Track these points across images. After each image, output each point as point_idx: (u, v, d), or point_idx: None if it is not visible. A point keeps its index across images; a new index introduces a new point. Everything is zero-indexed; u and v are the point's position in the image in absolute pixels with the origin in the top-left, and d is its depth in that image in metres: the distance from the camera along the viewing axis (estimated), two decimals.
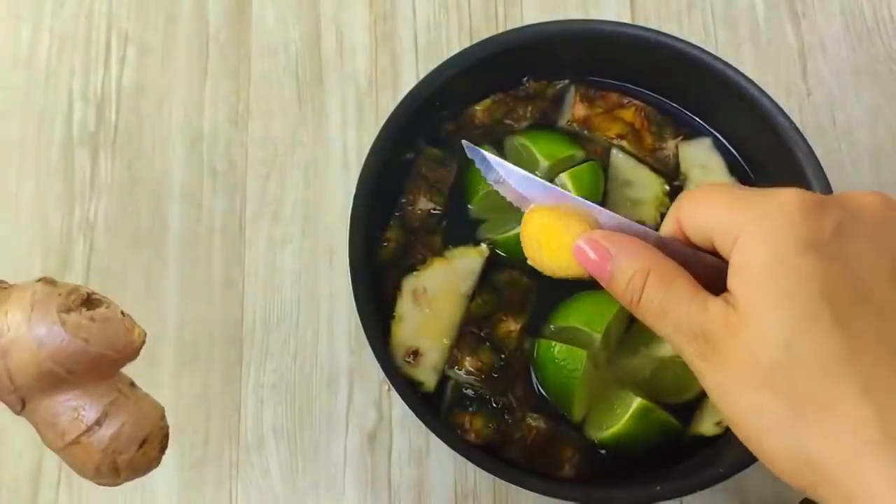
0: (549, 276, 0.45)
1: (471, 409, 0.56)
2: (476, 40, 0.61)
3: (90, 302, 0.29)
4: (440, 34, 0.73)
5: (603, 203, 0.62)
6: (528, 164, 0.62)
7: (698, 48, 0.59)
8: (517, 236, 0.59)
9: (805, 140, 0.56)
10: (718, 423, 0.56)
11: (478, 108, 0.62)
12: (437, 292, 0.58)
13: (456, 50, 0.60)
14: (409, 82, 0.64)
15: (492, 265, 0.60)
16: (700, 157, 0.62)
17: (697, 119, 0.64)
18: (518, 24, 0.71)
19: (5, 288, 0.29)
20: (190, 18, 0.73)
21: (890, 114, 0.70)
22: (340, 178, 0.69)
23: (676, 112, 0.64)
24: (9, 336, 0.27)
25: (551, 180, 0.61)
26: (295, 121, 0.70)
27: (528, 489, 0.51)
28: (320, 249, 0.67)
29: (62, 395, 0.27)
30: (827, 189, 0.55)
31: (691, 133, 0.63)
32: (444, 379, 0.57)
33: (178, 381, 0.64)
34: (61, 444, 0.28)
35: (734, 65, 0.58)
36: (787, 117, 0.57)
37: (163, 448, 0.31)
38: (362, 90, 0.71)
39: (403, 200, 0.61)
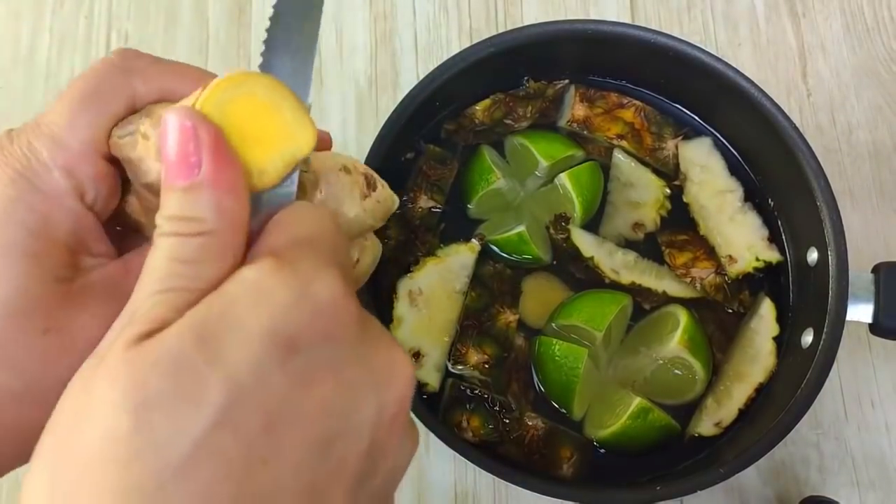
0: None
1: (468, 407, 0.56)
2: (476, 40, 0.61)
3: (369, 180, 0.34)
4: (440, 34, 0.73)
5: (603, 203, 0.62)
6: (528, 164, 0.62)
7: (698, 48, 0.59)
8: (517, 235, 0.59)
9: (805, 140, 0.56)
10: (717, 424, 0.56)
11: (478, 108, 0.62)
12: (433, 292, 0.58)
13: (456, 50, 0.60)
14: (409, 82, 0.64)
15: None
16: (700, 157, 0.62)
17: (697, 119, 0.64)
18: (518, 24, 0.71)
19: (305, 171, 0.33)
20: (190, 18, 0.73)
21: (890, 114, 0.70)
22: None
23: (676, 112, 0.64)
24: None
25: (551, 181, 0.62)
26: None
27: (528, 489, 0.51)
28: None
29: None
30: (827, 189, 0.55)
31: (691, 133, 0.63)
32: (446, 377, 0.57)
33: None
34: None
35: (734, 65, 0.58)
36: (787, 117, 0.57)
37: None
38: (362, 90, 0.71)
39: (405, 198, 0.61)
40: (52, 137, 0.31)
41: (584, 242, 0.60)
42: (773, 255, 0.60)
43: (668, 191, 0.62)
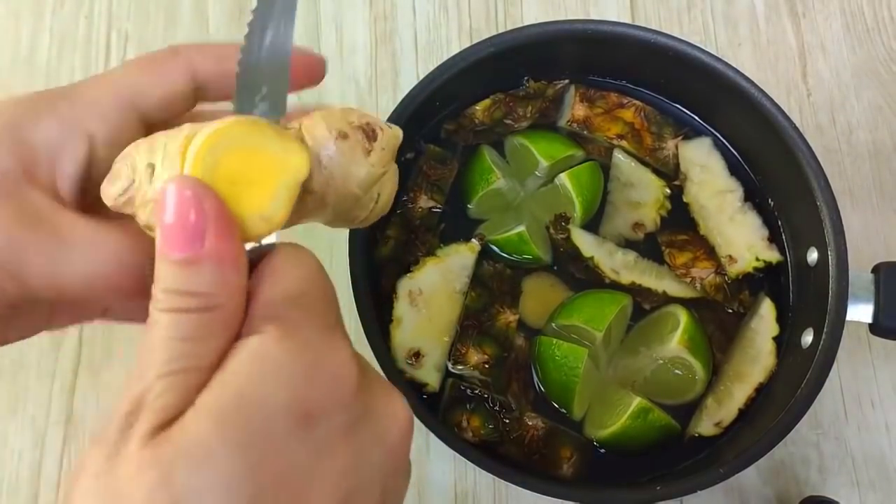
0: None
1: (468, 407, 0.56)
2: (476, 40, 0.61)
3: (367, 132, 0.34)
4: (440, 34, 0.73)
5: (603, 203, 0.62)
6: (528, 164, 0.62)
7: (698, 48, 0.59)
8: (518, 235, 0.59)
9: (805, 140, 0.56)
10: (717, 424, 0.56)
11: (478, 108, 0.62)
12: (433, 292, 0.58)
13: (456, 50, 0.60)
14: (409, 82, 0.64)
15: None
16: (700, 157, 0.62)
17: (697, 119, 0.64)
18: (518, 24, 0.71)
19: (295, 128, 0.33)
20: (190, 18, 0.73)
21: (890, 114, 0.70)
22: None
23: (676, 112, 0.64)
24: (333, 184, 0.33)
25: (551, 181, 0.62)
26: None
27: (528, 489, 0.51)
28: (320, 249, 0.66)
29: None
30: (827, 189, 0.55)
31: (691, 133, 0.63)
32: (447, 377, 0.57)
33: None
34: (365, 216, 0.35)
35: (734, 65, 0.58)
36: (787, 117, 0.57)
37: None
38: (362, 90, 0.71)
39: (405, 198, 0.61)
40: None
41: (584, 242, 0.60)
42: (773, 255, 0.60)
43: (668, 191, 0.62)
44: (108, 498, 0.23)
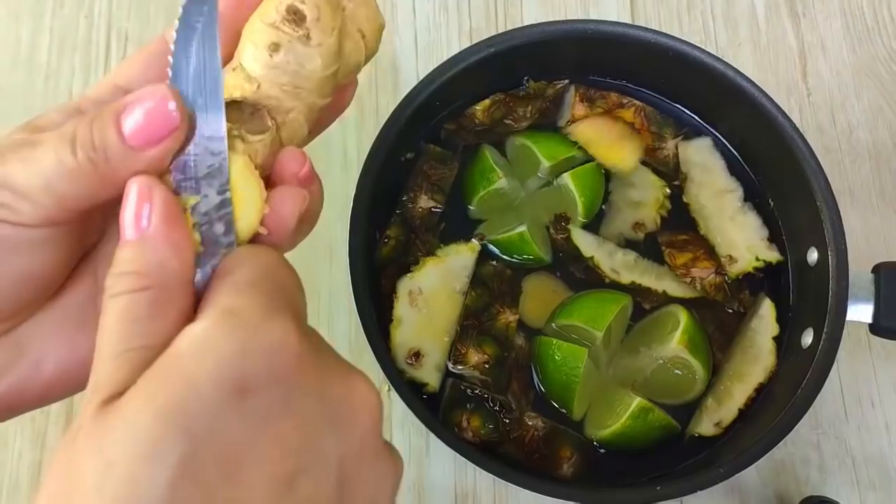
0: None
1: (468, 407, 0.56)
2: (476, 40, 0.61)
3: (291, 18, 0.31)
4: (440, 34, 0.73)
5: (603, 204, 0.62)
6: (530, 165, 0.62)
7: (698, 48, 0.59)
8: (519, 235, 0.59)
9: (805, 140, 0.56)
10: (717, 424, 0.56)
11: (478, 108, 0.62)
12: (433, 292, 0.58)
13: (456, 50, 0.60)
14: (409, 82, 0.64)
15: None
16: (700, 157, 0.62)
17: (697, 119, 0.64)
18: (518, 24, 0.71)
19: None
20: None
21: (890, 114, 0.70)
22: (340, 179, 0.68)
23: (676, 112, 0.64)
24: (306, 89, 0.31)
25: (552, 181, 0.62)
26: None
27: (528, 489, 0.51)
28: (320, 249, 0.67)
29: None
30: (827, 189, 0.55)
31: (691, 133, 0.63)
32: (447, 377, 0.57)
33: None
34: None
35: (734, 65, 0.58)
36: (787, 117, 0.57)
37: None
38: (362, 90, 0.71)
39: (405, 198, 0.61)
40: None
41: (584, 242, 0.60)
42: (773, 255, 0.60)
43: (668, 191, 0.62)
44: (63, 467, 0.25)
